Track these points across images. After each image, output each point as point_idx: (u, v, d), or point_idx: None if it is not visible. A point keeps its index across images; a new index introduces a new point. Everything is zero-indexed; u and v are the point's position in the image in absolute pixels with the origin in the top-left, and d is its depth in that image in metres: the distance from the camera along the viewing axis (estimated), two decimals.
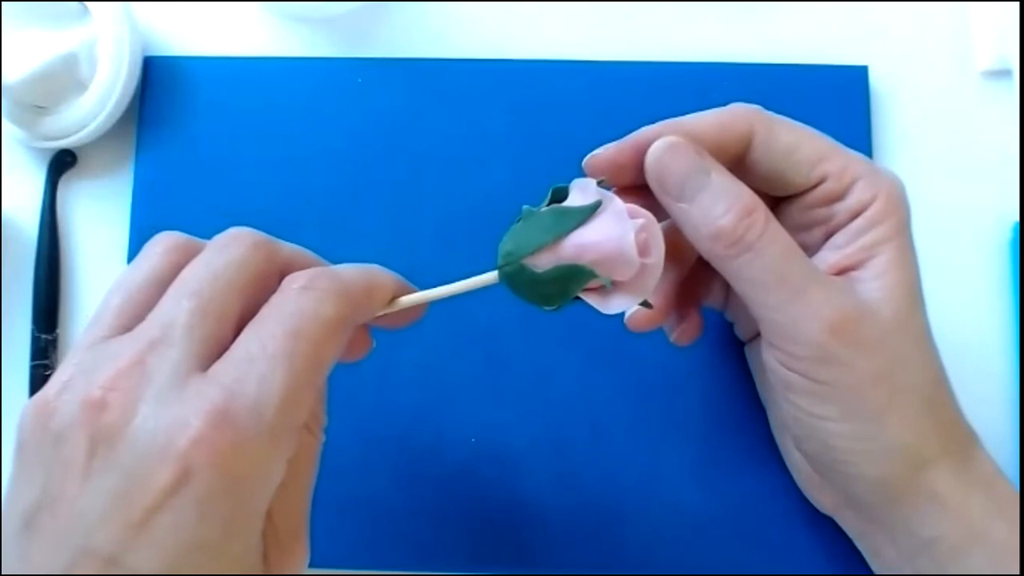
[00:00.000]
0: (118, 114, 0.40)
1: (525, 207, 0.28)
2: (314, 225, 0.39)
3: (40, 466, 0.23)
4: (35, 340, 0.39)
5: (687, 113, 0.31)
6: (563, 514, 0.36)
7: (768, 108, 0.31)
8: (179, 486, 0.22)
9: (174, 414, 0.23)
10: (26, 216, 0.41)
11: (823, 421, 0.30)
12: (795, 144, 0.30)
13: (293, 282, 0.26)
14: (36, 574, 0.22)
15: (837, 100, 0.39)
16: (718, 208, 0.28)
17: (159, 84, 0.41)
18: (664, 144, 0.29)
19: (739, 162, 0.30)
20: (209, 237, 0.39)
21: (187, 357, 0.24)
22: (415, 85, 0.40)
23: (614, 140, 0.31)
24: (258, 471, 0.23)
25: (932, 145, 0.40)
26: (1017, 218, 0.39)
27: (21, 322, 0.40)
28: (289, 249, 0.28)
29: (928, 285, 0.39)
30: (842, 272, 0.30)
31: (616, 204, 0.27)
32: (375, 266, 0.28)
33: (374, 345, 0.31)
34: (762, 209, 0.29)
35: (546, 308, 0.27)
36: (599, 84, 0.40)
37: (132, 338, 0.24)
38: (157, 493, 0.22)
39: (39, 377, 0.39)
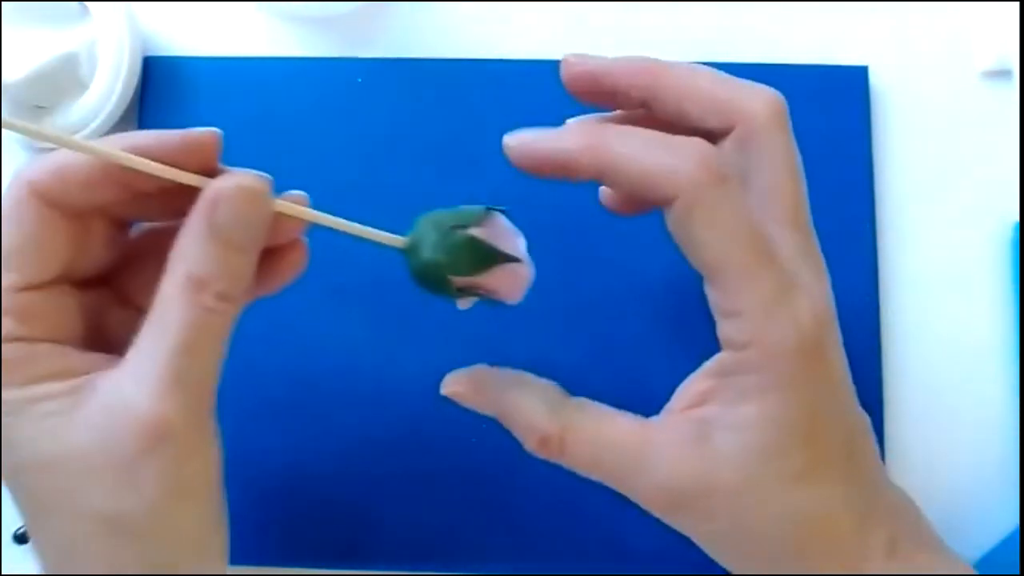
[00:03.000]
0: (118, 114, 0.40)
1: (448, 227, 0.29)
2: (313, 224, 0.39)
3: None
4: None
5: None
6: (563, 514, 0.36)
7: None
8: None
9: None
10: None
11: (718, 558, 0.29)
12: (702, 242, 0.26)
13: None
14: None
15: (837, 100, 0.39)
16: (519, 434, 0.29)
17: (159, 84, 0.41)
18: (448, 392, 0.30)
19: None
20: None
21: None
22: (415, 85, 0.40)
23: None
24: None
25: (932, 145, 0.40)
26: (1017, 218, 0.39)
27: None
28: None
29: (928, 285, 0.39)
30: (708, 404, 0.27)
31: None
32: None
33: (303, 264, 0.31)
34: (555, 432, 0.28)
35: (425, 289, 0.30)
36: None
37: None
38: None
39: None
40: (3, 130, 0.41)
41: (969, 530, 0.36)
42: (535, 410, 0.28)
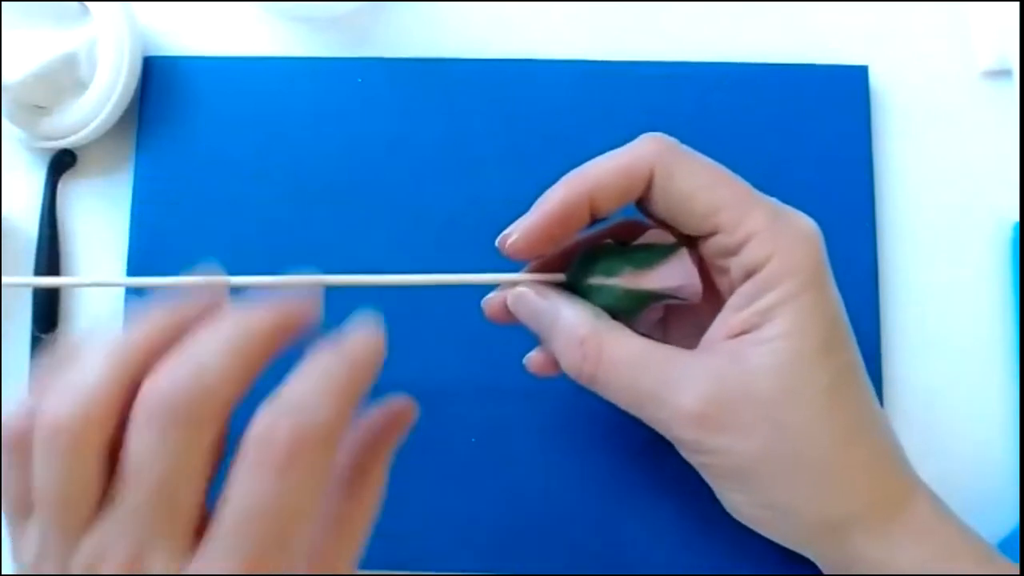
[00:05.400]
0: (118, 114, 0.40)
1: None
2: (313, 225, 0.39)
3: None
4: (35, 340, 0.39)
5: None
6: (563, 514, 0.36)
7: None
8: None
9: None
10: (26, 216, 0.41)
11: (722, 491, 0.30)
12: (691, 192, 0.29)
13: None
14: None
15: (837, 100, 0.39)
16: (561, 345, 0.30)
17: (159, 84, 0.41)
18: (513, 297, 0.31)
19: (646, 197, 0.30)
20: (208, 237, 0.39)
21: None
22: (415, 85, 0.40)
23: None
24: None
25: (932, 145, 0.40)
26: (1017, 218, 0.39)
27: (21, 322, 0.40)
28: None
29: (928, 285, 0.39)
30: (739, 335, 0.29)
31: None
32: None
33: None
34: (592, 338, 0.29)
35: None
36: (599, 84, 0.40)
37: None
38: None
39: None
40: (3, 131, 0.41)
41: None
42: (580, 314, 0.29)
